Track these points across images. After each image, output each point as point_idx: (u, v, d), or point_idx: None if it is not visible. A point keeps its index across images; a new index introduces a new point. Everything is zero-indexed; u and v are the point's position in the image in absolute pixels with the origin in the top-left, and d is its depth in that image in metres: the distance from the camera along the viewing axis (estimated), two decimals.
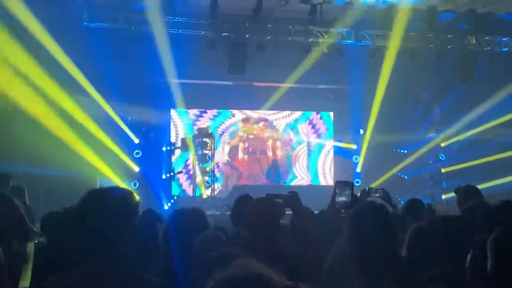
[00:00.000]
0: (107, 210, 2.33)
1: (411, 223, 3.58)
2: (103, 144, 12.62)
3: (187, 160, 15.49)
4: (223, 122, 16.08)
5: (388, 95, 14.31)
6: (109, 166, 12.57)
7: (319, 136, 16.67)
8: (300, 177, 16.45)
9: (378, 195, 4.02)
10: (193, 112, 15.80)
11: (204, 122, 15.81)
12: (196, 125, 15.66)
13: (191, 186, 14.97)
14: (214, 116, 16.01)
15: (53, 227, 3.59)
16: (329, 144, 16.66)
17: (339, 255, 2.71)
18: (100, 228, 2.31)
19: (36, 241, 5.02)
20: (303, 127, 16.60)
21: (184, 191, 15.37)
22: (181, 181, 15.47)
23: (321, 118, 16.71)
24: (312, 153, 16.58)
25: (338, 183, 3.40)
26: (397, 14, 12.54)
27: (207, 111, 15.91)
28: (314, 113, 16.60)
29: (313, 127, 16.66)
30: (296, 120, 16.55)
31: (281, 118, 16.47)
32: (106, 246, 2.32)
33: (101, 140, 12.60)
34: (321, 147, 16.67)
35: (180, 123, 15.72)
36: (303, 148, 16.56)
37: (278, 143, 16.38)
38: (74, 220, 2.44)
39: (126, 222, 2.37)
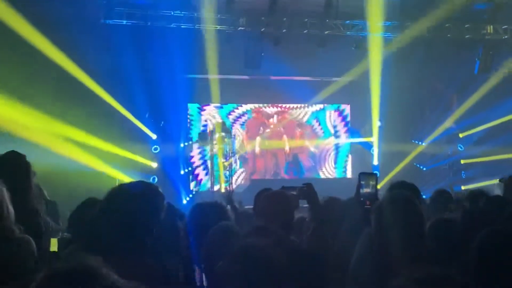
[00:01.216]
0: (134, 205, 2.35)
1: (436, 214, 3.54)
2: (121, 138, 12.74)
3: (205, 155, 15.53)
4: (240, 116, 16.08)
5: (406, 87, 14.22)
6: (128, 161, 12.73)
7: (338, 129, 16.62)
8: (325, 171, 16.43)
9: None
10: (211, 106, 15.82)
11: (222, 116, 15.83)
12: (213, 119, 15.68)
13: (209, 180, 15.02)
14: (231, 110, 16.02)
15: (79, 222, 3.62)
16: (347, 137, 16.62)
17: (366, 247, 2.70)
18: (127, 222, 2.33)
19: (59, 237, 5.08)
20: (326, 120, 16.56)
21: (202, 185, 15.43)
22: (199, 175, 15.52)
23: (337, 111, 16.65)
24: (339, 148, 16.52)
25: (362, 174, 3.39)
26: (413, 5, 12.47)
27: (224, 105, 15.92)
28: (332, 106, 16.54)
29: (331, 121, 16.60)
30: (315, 114, 16.49)
31: (300, 112, 16.42)
32: (133, 239, 2.34)
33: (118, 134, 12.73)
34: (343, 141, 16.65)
35: (198, 118, 15.75)
36: (328, 143, 16.53)
37: (298, 137, 16.33)
38: (101, 214, 2.45)
39: (152, 216, 2.39)
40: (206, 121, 15.74)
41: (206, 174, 15.46)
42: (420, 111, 15.13)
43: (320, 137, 16.51)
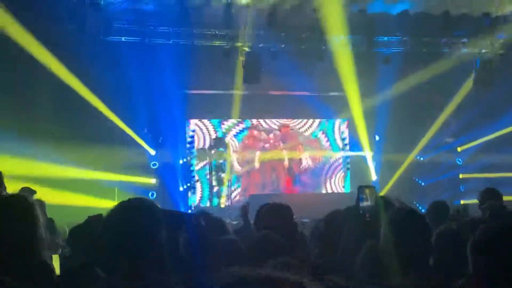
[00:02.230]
0: (133, 221, 2.37)
1: (435, 226, 3.56)
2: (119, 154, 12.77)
3: (203, 170, 15.52)
4: (239, 132, 16.09)
5: (403, 101, 14.28)
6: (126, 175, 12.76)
7: (346, 143, 16.66)
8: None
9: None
10: (209, 122, 15.84)
11: (220, 131, 15.85)
12: (212, 135, 15.70)
13: (208, 196, 15.01)
14: (230, 125, 16.03)
15: (79, 239, 3.64)
16: (345, 151, 16.63)
17: (370, 259, 2.72)
18: (127, 239, 2.35)
19: (59, 253, 5.09)
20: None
21: (201, 201, 15.40)
22: (197, 191, 15.49)
23: (333, 125, 16.69)
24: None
25: (361, 187, 3.40)
26: (411, 20, 12.58)
27: (223, 121, 15.94)
28: (328, 121, 16.59)
29: (326, 135, 16.63)
30: (322, 127, 16.54)
31: (302, 126, 16.46)
32: (132, 256, 2.35)
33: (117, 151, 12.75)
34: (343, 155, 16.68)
35: (196, 133, 15.76)
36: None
37: (299, 152, 16.33)
38: (103, 232, 2.48)
39: (152, 234, 2.41)
40: (204, 136, 15.74)
41: (205, 189, 15.42)
42: (417, 125, 15.15)
43: (327, 151, 16.53)
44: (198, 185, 15.42)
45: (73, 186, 11.11)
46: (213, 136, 15.57)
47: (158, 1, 11.89)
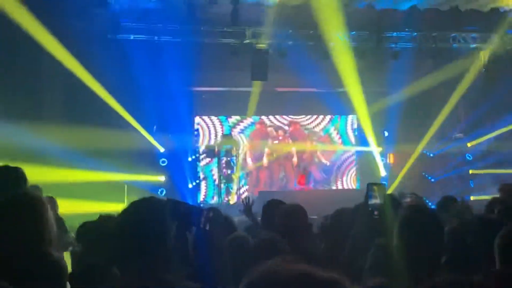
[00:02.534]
0: (147, 222, 2.40)
1: (445, 223, 3.55)
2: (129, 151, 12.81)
3: (212, 167, 15.55)
4: (247, 128, 16.10)
5: (413, 97, 14.24)
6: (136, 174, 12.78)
7: (349, 140, 16.65)
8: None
9: (409, 199, 4.01)
10: (217, 119, 15.86)
11: (228, 128, 15.86)
12: (220, 132, 15.73)
13: (217, 193, 15.04)
14: (238, 122, 16.05)
15: (90, 236, 3.67)
16: (354, 147, 16.61)
17: (379, 257, 2.72)
18: (139, 240, 2.37)
19: (70, 250, 5.13)
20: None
21: (210, 198, 15.43)
22: (206, 188, 15.53)
23: (345, 122, 16.67)
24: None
25: (370, 185, 3.40)
26: (419, 16, 12.53)
27: (231, 117, 15.96)
28: (338, 117, 16.56)
29: (339, 132, 16.62)
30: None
31: (312, 122, 16.45)
32: (144, 256, 2.38)
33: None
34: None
35: (205, 131, 15.79)
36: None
37: (309, 148, 16.32)
38: (113, 230, 2.51)
39: (163, 231, 2.43)
40: (212, 133, 15.77)
41: (214, 186, 15.46)
42: (428, 121, 15.09)
43: (338, 147, 16.53)
44: (207, 182, 15.45)
45: (82, 183, 11.16)
46: (221, 133, 15.59)
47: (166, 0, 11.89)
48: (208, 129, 15.78)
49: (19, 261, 2.67)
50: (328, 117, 16.44)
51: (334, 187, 16.29)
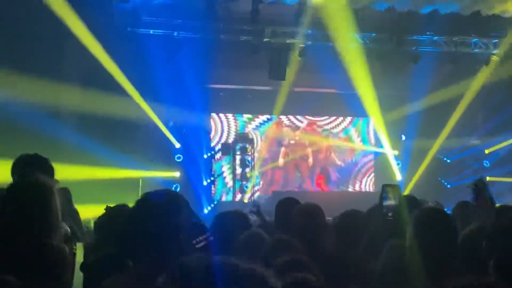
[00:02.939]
0: (160, 214, 2.41)
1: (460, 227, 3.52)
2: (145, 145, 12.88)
3: (227, 165, 15.58)
4: (264, 127, 16.10)
5: (431, 101, 14.13)
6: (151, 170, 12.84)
7: (369, 142, 16.59)
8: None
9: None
10: (234, 116, 15.89)
11: (245, 127, 15.88)
12: (237, 129, 15.75)
13: (232, 190, 15.06)
14: (255, 120, 16.05)
15: (105, 227, 3.69)
16: (372, 148, 16.56)
17: (392, 258, 2.72)
18: (152, 231, 2.38)
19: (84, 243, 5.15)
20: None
21: (224, 195, 15.47)
22: (221, 185, 15.56)
23: (366, 124, 16.61)
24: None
25: (385, 186, 3.39)
26: (441, 20, 12.42)
27: (248, 116, 15.97)
28: (359, 119, 16.51)
29: (360, 134, 16.58)
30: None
31: (329, 124, 16.42)
32: (157, 247, 2.38)
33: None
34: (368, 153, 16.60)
35: (221, 128, 15.82)
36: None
37: (325, 150, 16.29)
38: (129, 222, 2.52)
39: (177, 224, 2.43)
40: (229, 131, 15.80)
41: (228, 183, 15.49)
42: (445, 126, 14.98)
43: (358, 149, 16.48)
44: (222, 180, 15.49)
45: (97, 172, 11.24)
46: (237, 131, 15.61)
47: None
48: (223, 126, 15.81)
49: (18, 249, 2.69)
50: (348, 119, 16.40)
51: (351, 189, 16.24)
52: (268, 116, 16.00)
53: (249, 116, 15.95)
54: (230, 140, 15.45)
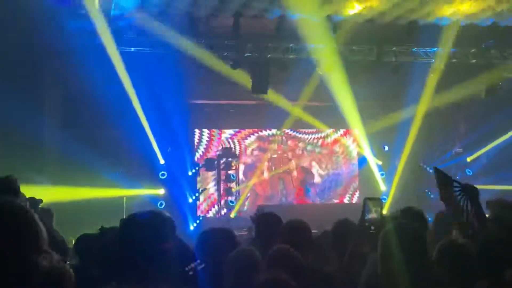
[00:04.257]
0: (143, 235, 2.40)
1: (440, 237, 3.53)
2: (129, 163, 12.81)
3: (212, 180, 15.52)
4: (247, 141, 16.11)
5: (414, 111, 14.26)
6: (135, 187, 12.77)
7: (351, 154, 16.66)
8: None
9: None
10: (217, 132, 15.88)
11: (229, 141, 15.87)
12: (221, 144, 15.74)
13: (216, 206, 15.01)
14: (238, 135, 16.06)
15: (87, 249, 3.66)
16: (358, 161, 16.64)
17: (373, 272, 2.72)
18: (137, 254, 2.37)
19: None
20: (336, 145, 16.62)
21: (209, 211, 15.40)
22: (206, 201, 15.50)
23: (346, 136, 16.69)
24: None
25: (366, 199, 3.40)
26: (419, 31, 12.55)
27: (231, 130, 15.97)
28: (342, 131, 16.59)
29: (340, 146, 16.65)
30: (328, 138, 16.59)
31: (311, 136, 16.47)
32: (141, 270, 2.37)
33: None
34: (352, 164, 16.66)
35: (205, 143, 15.80)
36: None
37: (308, 162, 16.32)
38: (110, 243, 2.51)
39: (161, 247, 2.43)
40: (212, 146, 15.78)
41: (213, 199, 15.43)
42: (428, 135, 15.10)
43: (341, 160, 16.53)
44: (206, 196, 15.43)
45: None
46: (222, 146, 15.60)
47: (167, 13, 11.90)
48: (207, 142, 15.79)
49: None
50: (330, 131, 16.45)
51: (336, 201, 16.26)
52: (251, 131, 16.02)
53: (232, 131, 15.95)
54: (214, 155, 15.42)
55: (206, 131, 15.77)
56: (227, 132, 15.95)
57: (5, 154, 9.16)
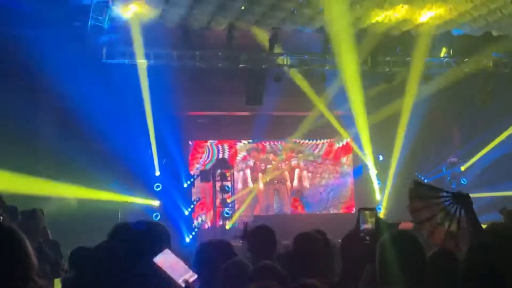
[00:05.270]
0: (137, 244, 2.39)
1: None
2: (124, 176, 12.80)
3: (207, 191, 15.47)
4: (241, 153, 16.11)
5: (408, 121, 14.28)
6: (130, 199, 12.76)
7: (345, 164, 16.68)
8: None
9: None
10: (212, 143, 15.87)
11: (223, 153, 15.87)
12: (215, 156, 15.72)
13: (212, 217, 14.96)
14: (233, 146, 16.05)
15: (82, 262, 3.64)
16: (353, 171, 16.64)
17: (370, 283, 2.72)
18: (130, 261, 2.36)
19: (62, 277, 5.07)
20: (331, 155, 16.64)
21: (204, 222, 15.35)
22: (201, 212, 15.45)
23: (340, 145, 16.71)
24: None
25: (361, 210, 3.40)
26: (415, 40, 12.61)
27: (226, 141, 15.97)
28: (338, 141, 16.61)
29: (335, 154, 16.66)
30: (323, 148, 16.60)
31: (307, 146, 16.49)
32: (137, 278, 2.36)
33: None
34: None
35: (200, 155, 15.78)
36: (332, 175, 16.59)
37: (303, 172, 16.33)
38: (104, 255, 2.49)
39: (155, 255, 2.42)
40: (207, 157, 15.76)
41: (208, 210, 15.38)
42: (423, 145, 15.12)
43: (336, 170, 16.54)
44: (201, 207, 15.38)
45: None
46: (216, 157, 15.59)
47: (160, 25, 11.93)
48: (203, 153, 15.77)
49: None
50: (326, 141, 16.46)
51: (331, 211, 16.24)
52: (245, 141, 16.03)
53: (227, 142, 15.95)
54: (209, 167, 15.39)
55: (201, 142, 15.75)
56: (222, 143, 15.93)
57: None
